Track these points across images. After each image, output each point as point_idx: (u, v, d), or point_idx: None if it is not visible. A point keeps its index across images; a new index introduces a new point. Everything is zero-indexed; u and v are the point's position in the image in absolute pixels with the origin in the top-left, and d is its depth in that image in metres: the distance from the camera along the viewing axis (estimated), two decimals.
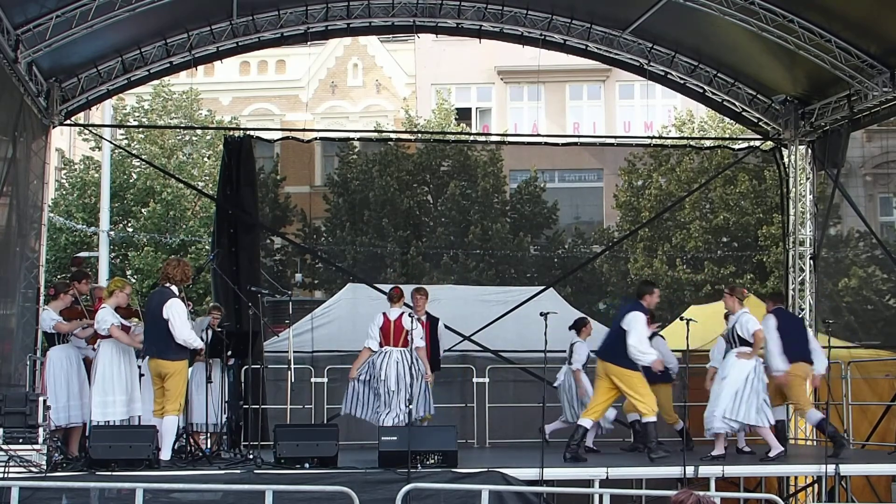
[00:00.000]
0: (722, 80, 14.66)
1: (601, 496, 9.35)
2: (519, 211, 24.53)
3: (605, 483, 9.57)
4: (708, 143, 22.70)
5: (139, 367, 10.61)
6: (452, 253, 22.49)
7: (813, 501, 12.20)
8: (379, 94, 32.34)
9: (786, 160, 15.31)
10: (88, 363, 10.63)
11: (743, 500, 11.49)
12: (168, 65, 13.79)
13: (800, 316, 14.46)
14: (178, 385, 10.06)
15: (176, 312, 9.98)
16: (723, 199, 23.45)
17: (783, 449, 11.17)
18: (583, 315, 13.17)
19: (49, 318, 10.71)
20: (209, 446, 11.36)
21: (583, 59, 15.50)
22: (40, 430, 9.10)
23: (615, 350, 10.72)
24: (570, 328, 12.52)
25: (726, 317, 11.68)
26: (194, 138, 27.60)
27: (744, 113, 15.01)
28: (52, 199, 23.22)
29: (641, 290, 11.12)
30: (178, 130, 26.78)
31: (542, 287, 15.63)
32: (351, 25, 14.05)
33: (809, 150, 14.80)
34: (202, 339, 10.82)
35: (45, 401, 9.39)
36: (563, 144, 18.58)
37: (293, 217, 23.75)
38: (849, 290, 18.99)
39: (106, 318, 10.24)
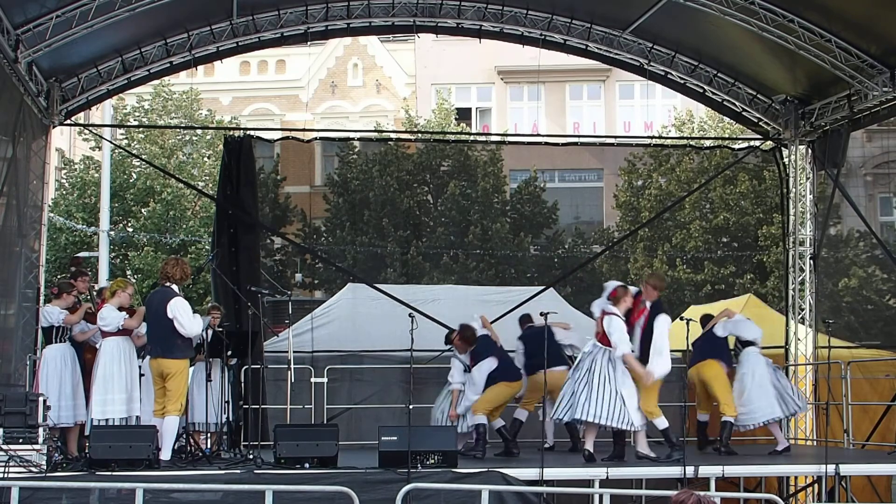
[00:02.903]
0: (722, 80, 14.65)
1: (601, 496, 9.35)
2: (519, 211, 24.52)
3: (605, 483, 9.57)
4: (708, 143, 22.70)
5: (139, 367, 10.62)
6: (452, 253, 22.49)
7: (813, 501, 12.19)
8: (379, 94, 32.34)
9: (786, 160, 15.31)
10: (92, 360, 10.61)
11: (743, 500, 11.49)
12: (168, 65, 13.79)
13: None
14: (180, 385, 10.07)
15: (180, 311, 10.00)
16: (723, 199, 23.45)
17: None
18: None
19: (57, 311, 10.70)
20: (209, 446, 11.36)
21: (583, 59, 15.51)
22: (40, 430, 9.10)
23: None
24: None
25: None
26: (194, 138, 27.60)
27: (744, 113, 15.01)
28: (52, 199, 23.21)
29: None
30: (178, 130, 26.78)
31: (542, 287, 15.62)
32: (351, 25, 14.06)
33: (809, 150, 14.80)
34: (202, 339, 10.84)
35: (45, 401, 9.39)
36: (563, 144, 18.60)
37: (293, 217, 23.75)
38: (849, 290, 18.99)
39: (114, 315, 10.25)
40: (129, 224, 26.05)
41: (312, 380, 13.21)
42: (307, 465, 9.51)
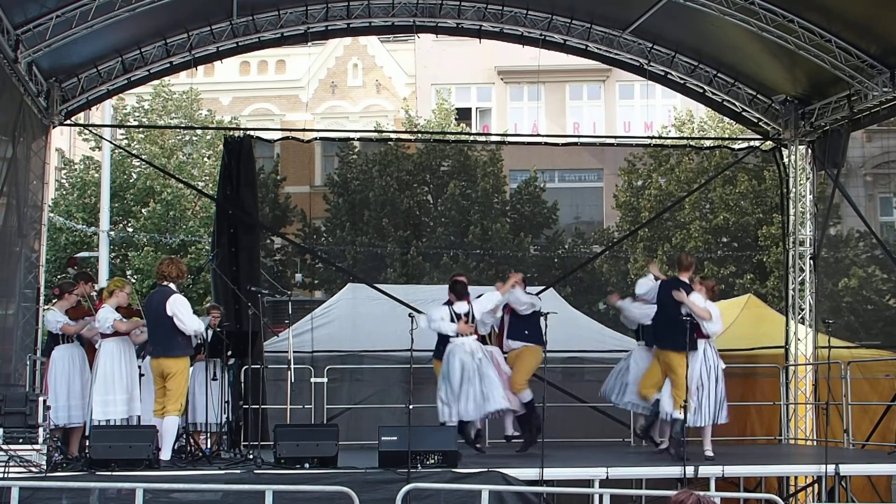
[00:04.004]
0: (722, 80, 14.66)
1: (601, 496, 9.35)
2: (519, 211, 24.52)
3: (605, 483, 9.56)
4: (708, 143, 22.70)
5: (139, 367, 10.63)
6: (452, 253, 22.47)
7: (813, 501, 12.19)
8: (379, 94, 32.34)
9: (786, 160, 15.31)
10: (91, 360, 10.62)
11: (743, 500, 11.49)
12: (168, 65, 13.79)
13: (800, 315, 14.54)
14: (180, 385, 10.07)
15: (180, 307, 10.01)
16: (723, 199, 23.44)
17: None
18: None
19: (55, 319, 10.71)
20: (209, 446, 11.36)
21: (583, 59, 15.50)
22: (40, 430, 9.10)
23: None
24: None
25: None
26: (194, 138, 27.60)
27: (744, 113, 15.00)
28: (52, 199, 23.21)
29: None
30: (178, 130, 26.79)
31: (542, 287, 15.61)
32: (351, 25, 14.06)
33: (809, 150, 14.80)
34: (203, 339, 10.85)
35: (45, 401, 9.39)
36: (563, 144, 18.60)
37: (293, 217, 23.74)
38: (849, 290, 18.98)
39: (108, 316, 10.25)
40: (129, 224, 26.05)
41: (312, 380, 13.20)
42: (307, 465, 9.50)
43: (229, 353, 11.28)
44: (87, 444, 9.71)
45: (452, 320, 11.35)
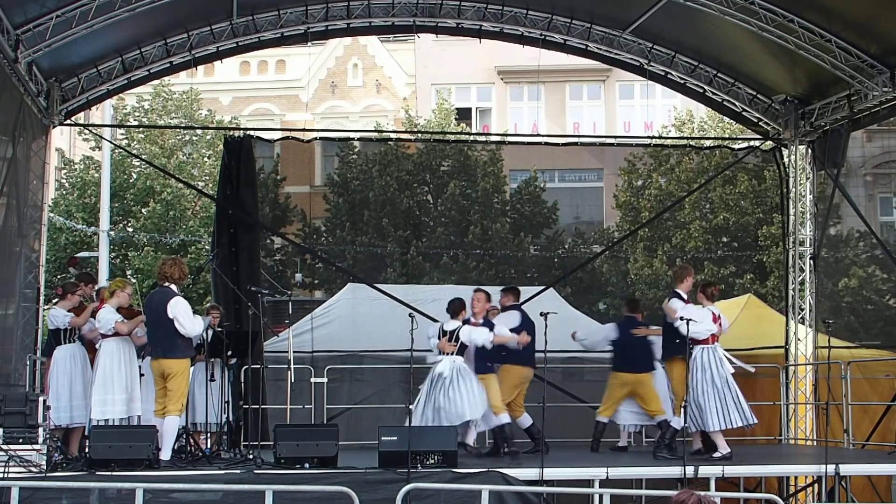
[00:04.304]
0: (722, 80, 14.66)
1: (601, 496, 9.35)
2: (519, 211, 24.52)
3: (605, 483, 9.57)
4: (708, 143, 22.70)
5: (139, 367, 10.63)
6: (452, 253, 22.47)
7: (813, 501, 12.20)
8: (379, 94, 32.35)
9: (786, 160, 15.32)
10: (93, 360, 10.63)
11: (743, 500, 11.49)
12: (168, 65, 13.80)
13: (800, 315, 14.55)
14: (181, 385, 10.08)
15: (181, 311, 10.02)
16: (723, 199, 23.44)
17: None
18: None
19: (62, 314, 10.73)
20: (209, 446, 11.36)
21: (583, 59, 15.50)
22: (40, 430, 9.10)
23: None
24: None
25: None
26: (194, 138, 27.60)
27: (744, 113, 15.01)
28: (52, 199, 23.22)
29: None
30: (178, 130, 26.79)
31: (542, 287, 15.62)
32: (351, 25, 14.07)
33: (809, 150, 14.81)
34: (203, 339, 10.84)
35: (45, 401, 9.39)
36: (563, 144, 18.61)
37: (293, 217, 23.74)
38: (849, 290, 18.98)
39: (108, 317, 10.26)
40: (129, 224, 26.05)
41: (312, 380, 13.20)
42: (307, 465, 9.51)
43: (229, 353, 11.29)
44: (87, 444, 9.71)
45: (440, 337, 11.33)
